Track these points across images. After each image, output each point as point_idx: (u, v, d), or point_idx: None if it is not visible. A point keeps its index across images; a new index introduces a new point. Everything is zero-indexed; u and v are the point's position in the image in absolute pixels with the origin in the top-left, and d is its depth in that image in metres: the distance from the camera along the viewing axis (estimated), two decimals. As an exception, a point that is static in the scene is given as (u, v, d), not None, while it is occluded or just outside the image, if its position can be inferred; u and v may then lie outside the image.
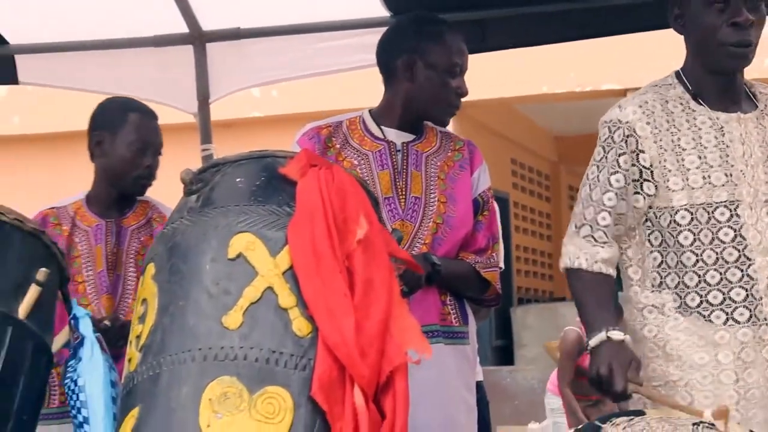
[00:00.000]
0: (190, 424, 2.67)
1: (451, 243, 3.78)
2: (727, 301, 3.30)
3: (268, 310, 2.79)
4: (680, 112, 3.35)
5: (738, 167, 3.29)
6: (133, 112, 4.12)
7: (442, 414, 3.68)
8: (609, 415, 3.06)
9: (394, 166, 3.77)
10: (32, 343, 3.12)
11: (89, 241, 4.13)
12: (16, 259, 3.16)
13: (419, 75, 3.82)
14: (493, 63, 7.12)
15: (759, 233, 3.27)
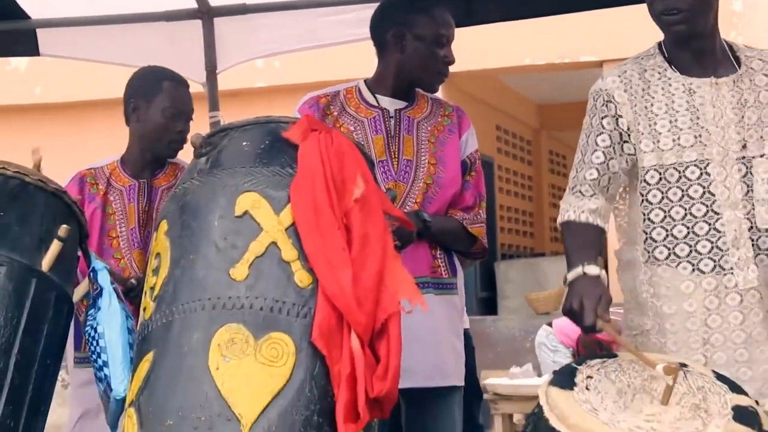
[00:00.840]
0: (200, 367, 2.69)
1: (441, 201, 3.78)
2: (693, 253, 3.31)
3: (272, 263, 2.80)
4: (656, 80, 3.37)
5: (708, 129, 3.29)
6: (167, 81, 4.13)
7: (433, 359, 3.68)
8: (584, 357, 3.07)
9: (387, 131, 3.77)
10: (55, 293, 3.13)
11: (123, 199, 4.15)
12: (40, 216, 3.16)
13: (408, 46, 3.80)
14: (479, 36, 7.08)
15: (728, 189, 3.27)
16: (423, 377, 3.63)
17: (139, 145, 4.19)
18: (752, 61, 3.38)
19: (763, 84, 3.34)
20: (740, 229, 3.28)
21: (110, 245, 4.08)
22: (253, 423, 2.62)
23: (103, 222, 4.11)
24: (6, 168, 3.14)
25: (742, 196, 3.27)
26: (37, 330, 3.07)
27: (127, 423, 2.77)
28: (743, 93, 3.32)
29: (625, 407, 2.81)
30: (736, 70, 3.36)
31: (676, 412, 2.80)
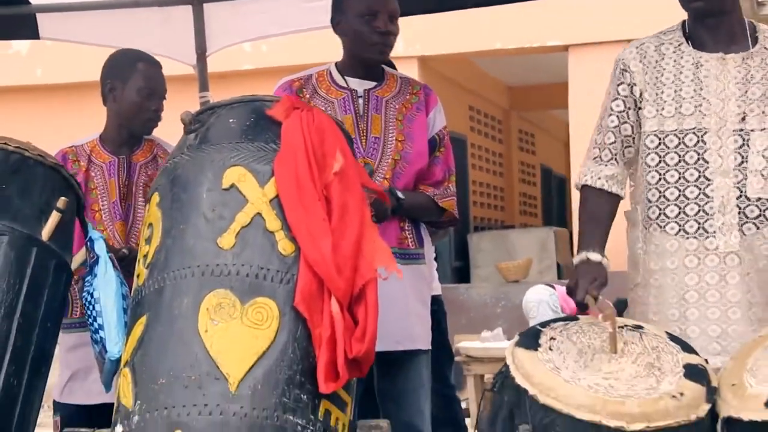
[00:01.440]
0: (190, 330, 2.69)
1: (409, 176, 3.74)
2: (681, 215, 3.35)
3: (257, 233, 2.80)
4: (671, 53, 3.40)
5: (710, 100, 3.31)
6: (141, 62, 4.10)
7: (400, 324, 3.66)
8: (548, 320, 3.08)
9: (356, 110, 3.73)
10: (54, 261, 3.14)
11: (104, 175, 4.13)
12: (39, 189, 3.16)
13: (347, 26, 3.77)
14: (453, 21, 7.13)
15: (721, 157, 3.30)
16: (391, 341, 3.63)
17: (116, 123, 4.17)
18: (767, 42, 3.39)
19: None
20: (728, 197, 3.30)
21: (93, 218, 4.06)
22: (239, 381, 2.63)
23: (86, 196, 4.10)
24: (7, 144, 3.14)
25: (734, 166, 3.28)
26: (37, 295, 3.07)
27: (122, 382, 2.78)
28: (750, 70, 3.33)
29: (585, 366, 2.83)
30: (750, 48, 3.37)
31: (633, 370, 2.82)
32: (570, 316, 3.11)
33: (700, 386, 2.75)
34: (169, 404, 2.63)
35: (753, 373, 2.77)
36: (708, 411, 2.72)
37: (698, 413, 2.69)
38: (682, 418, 2.66)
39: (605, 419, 2.62)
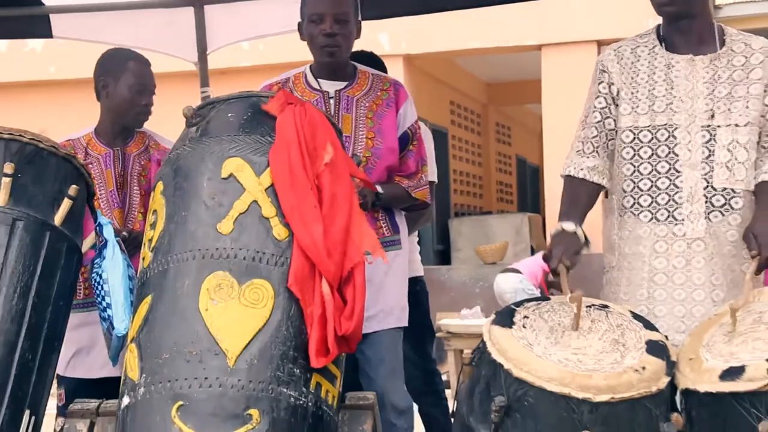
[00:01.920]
0: (191, 308, 2.70)
1: (380, 171, 3.72)
2: (653, 204, 3.37)
3: (253, 219, 2.80)
4: (646, 55, 3.42)
5: (680, 98, 3.33)
6: (131, 61, 4.10)
7: (378, 305, 3.68)
8: (522, 300, 3.08)
9: (327, 111, 3.69)
10: (66, 244, 3.13)
11: (100, 166, 4.11)
12: (52, 178, 3.16)
13: (304, 30, 3.77)
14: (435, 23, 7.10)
15: (690, 151, 3.31)
16: (371, 322, 3.64)
17: (109, 117, 4.17)
18: (735, 44, 3.38)
19: (739, 64, 3.33)
20: (696, 187, 3.32)
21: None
22: (237, 356, 2.63)
23: None
24: (23, 135, 3.13)
25: (702, 159, 3.30)
26: (50, 276, 3.07)
27: (129, 356, 2.78)
28: (717, 70, 3.33)
29: (555, 342, 2.83)
30: (718, 50, 3.37)
31: (599, 346, 2.83)
32: (542, 297, 3.11)
33: (660, 361, 2.76)
34: (172, 377, 2.64)
35: (708, 349, 2.78)
36: (668, 383, 2.73)
37: (659, 385, 2.70)
38: (644, 389, 2.67)
39: (574, 391, 2.63)
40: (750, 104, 3.30)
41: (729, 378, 2.62)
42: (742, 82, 3.32)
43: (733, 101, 3.31)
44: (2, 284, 2.96)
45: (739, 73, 3.33)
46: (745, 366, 2.62)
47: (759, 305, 2.88)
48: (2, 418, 2.86)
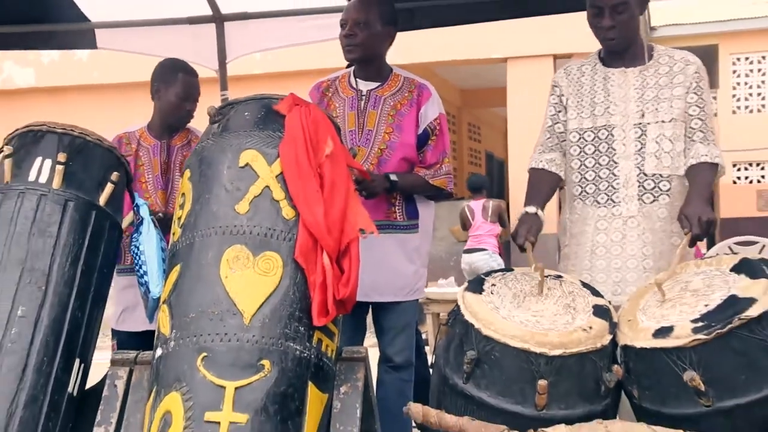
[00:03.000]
0: (213, 276, 2.70)
1: (395, 161, 3.70)
2: (596, 190, 3.44)
3: (266, 201, 2.80)
4: (589, 71, 3.50)
5: (615, 102, 3.40)
6: (181, 72, 4.14)
7: (383, 278, 3.68)
8: (490, 271, 3.10)
9: (358, 108, 3.71)
10: (108, 221, 3.13)
11: (149, 155, 4.15)
12: (98, 165, 3.16)
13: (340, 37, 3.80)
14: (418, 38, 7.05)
15: (624, 146, 3.40)
16: (384, 294, 3.65)
17: (159, 116, 4.22)
18: (661, 57, 3.46)
19: (664, 72, 3.41)
20: (630, 174, 3.39)
21: (141, 188, 4.09)
22: (252, 316, 2.64)
23: (135, 171, 4.12)
24: (73, 130, 3.14)
25: (635, 151, 3.39)
26: (96, 247, 3.07)
27: (162, 316, 2.78)
28: (646, 78, 3.42)
29: (518, 306, 2.85)
30: (646, 63, 3.42)
31: (554, 309, 2.84)
32: (507, 268, 3.13)
33: (604, 322, 2.78)
34: (197, 333, 2.65)
35: (644, 312, 2.80)
36: (610, 340, 2.75)
37: (603, 342, 2.72)
38: (591, 345, 2.69)
39: (532, 347, 2.65)
40: (674, 104, 3.38)
41: (660, 336, 2.64)
42: (667, 86, 3.40)
43: (660, 102, 3.37)
44: (56, 254, 2.97)
45: (665, 79, 3.41)
46: (673, 326, 2.64)
47: (685, 276, 2.90)
48: (57, 365, 2.87)
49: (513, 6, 4.80)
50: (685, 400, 2.60)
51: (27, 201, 3.01)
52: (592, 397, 2.71)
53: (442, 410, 2.70)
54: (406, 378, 3.80)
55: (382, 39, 3.78)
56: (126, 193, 3.31)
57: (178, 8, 5.12)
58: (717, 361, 2.56)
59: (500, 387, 2.68)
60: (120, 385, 2.96)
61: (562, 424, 2.60)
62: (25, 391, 2.78)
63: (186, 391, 2.58)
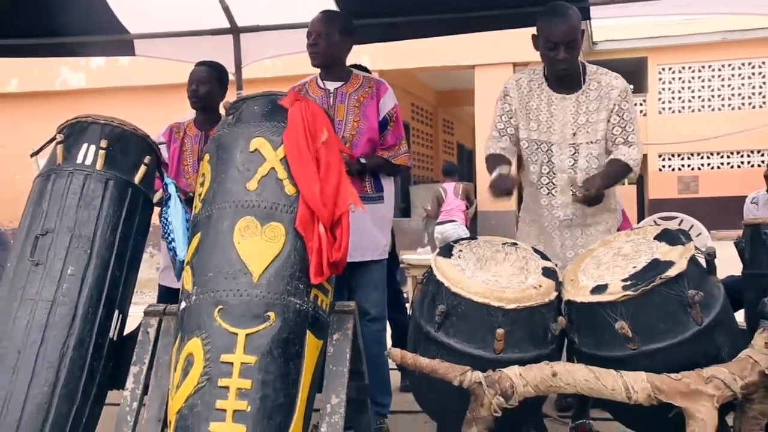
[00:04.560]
0: (228, 242, 2.68)
1: (362, 143, 3.68)
2: (541, 186, 3.46)
3: (271, 180, 2.77)
4: (536, 87, 3.44)
5: (554, 124, 3.36)
6: (195, 66, 4.16)
7: (364, 243, 3.66)
8: (457, 239, 3.08)
9: (328, 103, 3.68)
10: (142, 197, 3.10)
11: (191, 142, 4.15)
12: (133, 150, 3.12)
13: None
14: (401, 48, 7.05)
15: (561, 161, 3.40)
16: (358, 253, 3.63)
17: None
18: (592, 82, 3.40)
19: (593, 98, 3.36)
20: (564, 185, 3.41)
21: (183, 170, 4.10)
22: (259, 275, 2.62)
23: (180, 155, 4.10)
24: (114, 120, 3.11)
25: (569, 166, 3.39)
26: (131, 219, 3.04)
27: (185, 275, 2.76)
28: (580, 104, 3.36)
29: (480, 268, 2.83)
30: (582, 87, 3.37)
31: (510, 270, 2.83)
32: (472, 237, 3.11)
33: (551, 281, 2.77)
34: (214, 289, 2.62)
35: (584, 273, 2.79)
36: (556, 296, 2.75)
37: (550, 298, 2.72)
38: (540, 300, 2.68)
39: (492, 301, 2.64)
40: (599, 126, 3.36)
41: (596, 293, 2.64)
42: (596, 111, 3.36)
43: (590, 125, 3.35)
44: (99, 224, 2.94)
45: (594, 104, 3.38)
46: (607, 284, 2.64)
47: (617, 243, 2.90)
48: (100, 315, 2.86)
49: (475, 22, 4.78)
50: (616, 345, 2.60)
51: (75, 179, 2.99)
52: (541, 343, 2.70)
53: (418, 354, 2.70)
54: (380, 328, 3.79)
55: (340, 47, 3.73)
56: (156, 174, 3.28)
57: (202, 22, 5.09)
58: (642, 313, 2.57)
59: (465, 335, 2.68)
60: (152, 332, 2.95)
61: (516, 365, 2.62)
62: (75, 336, 2.78)
63: (205, 337, 2.57)
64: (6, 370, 2.68)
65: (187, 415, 2.48)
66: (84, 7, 4.81)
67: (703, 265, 2.70)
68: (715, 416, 2.50)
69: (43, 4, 4.63)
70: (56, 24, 4.90)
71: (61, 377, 2.72)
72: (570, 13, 3.27)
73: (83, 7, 4.81)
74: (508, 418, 2.63)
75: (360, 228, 3.61)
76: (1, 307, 2.82)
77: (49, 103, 13.50)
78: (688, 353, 2.56)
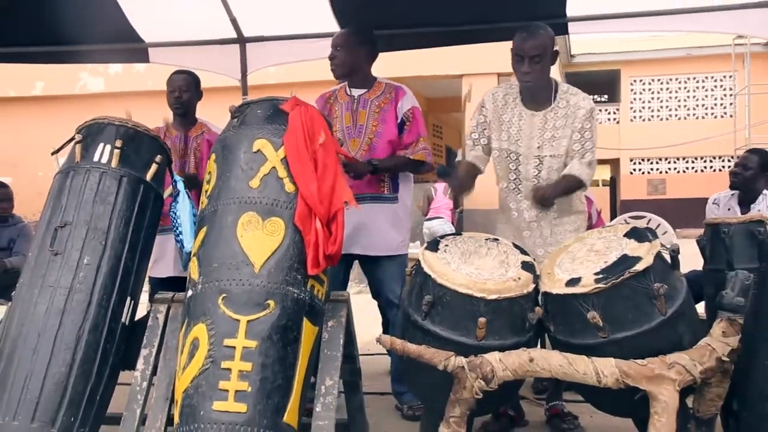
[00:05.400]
0: (231, 236, 2.66)
1: (382, 144, 3.65)
2: (510, 191, 3.47)
3: (273, 178, 2.75)
4: (510, 102, 3.41)
5: (522, 136, 3.34)
6: (173, 75, 4.15)
7: (368, 240, 3.64)
8: (443, 234, 3.07)
9: (352, 109, 3.67)
10: (153, 193, 3.07)
11: (172, 142, 4.11)
12: (145, 150, 3.09)
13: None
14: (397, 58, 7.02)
15: (527, 170, 3.39)
16: (374, 249, 3.61)
17: None
18: (561, 101, 3.37)
19: (561, 116, 3.34)
20: (528, 190, 3.39)
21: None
22: (261, 266, 2.61)
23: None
24: (128, 122, 3.09)
25: (534, 175, 3.39)
26: (143, 213, 3.02)
27: (192, 265, 2.74)
28: (548, 120, 3.34)
29: (464, 262, 2.82)
30: (551, 104, 3.34)
31: (492, 264, 2.82)
32: (457, 233, 3.10)
33: (530, 274, 2.76)
34: (219, 279, 2.61)
35: (559, 266, 2.78)
36: (534, 288, 2.73)
37: (528, 289, 2.70)
38: (519, 292, 2.67)
39: (475, 292, 2.63)
40: (563, 143, 3.35)
41: (570, 285, 2.63)
42: (561, 128, 3.35)
43: (554, 140, 3.33)
44: (113, 217, 2.92)
45: (560, 122, 3.36)
46: (581, 278, 2.63)
47: (590, 240, 2.89)
48: (113, 302, 2.83)
49: (463, 35, 4.77)
50: (587, 333, 2.60)
51: (92, 176, 2.96)
52: (519, 331, 2.69)
53: (406, 340, 2.69)
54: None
55: (358, 57, 3.72)
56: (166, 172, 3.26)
57: (210, 32, 5.07)
58: (612, 304, 2.56)
59: (450, 323, 2.66)
60: (160, 317, 2.94)
61: (496, 351, 2.61)
62: (90, 321, 2.76)
63: (210, 322, 2.56)
64: (27, 351, 2.68)
65: (193, 394, 2.47)
66: (104, 19, 4.81)
67: (668, 261, 2.70)
68: (677, 398, 2.52)
69: (68, 16, 4.63)
70: (79, 34, 4.91)
71: (77, 358, 2.71)
72: (540, 32, 3.26)
73: (103, 19, 4.82)
74: (489, 399, 2.63)
75: (377, 227, 3.60)
76: (23, 294, 2.82)
77: (70, 105, 13.45)
78: (653, 341, 2.56)
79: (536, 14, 3.63)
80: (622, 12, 4.48)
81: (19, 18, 4.60)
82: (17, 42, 5.02)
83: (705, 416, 2.65)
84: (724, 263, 2.97)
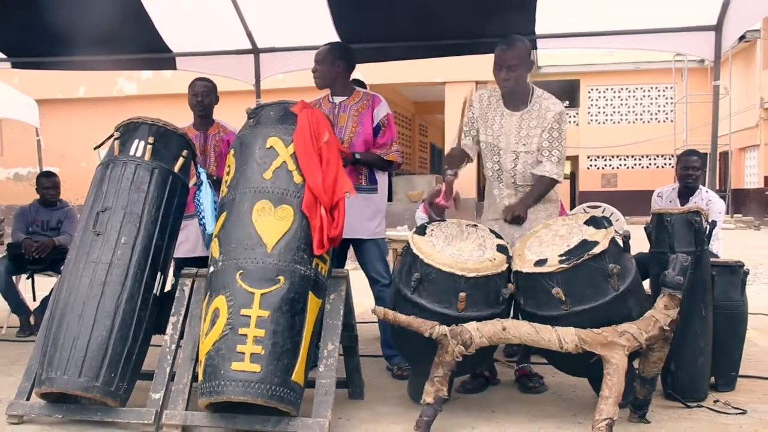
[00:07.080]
0: (248, 220, 2.65)
1: (359, 143, 3.55)
2: (493, 180, 3.35)
3: (283, 171, 2.74)
4: (494, 103, 3.30)
5: (503, 134, 3.26)
6: (195, 81, 4.00)
7: (359, 223, 3.60)
8: (429, 221, 3.05)
9: (334, 113, 3.59)
10: (180, 183, 3.05)
11: (193, 141, 4.02)
12: (174, 145, 3.07)
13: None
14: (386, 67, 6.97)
15: (506, 163, 3.27)
16: (358, 232, 3.57)
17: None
18: (536, 104, 3.25)
19: (534, 117, 3.24)
20: (508, 181, 3.29)
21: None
22: (272, 247, 2.60)
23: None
24: (159, 121, 3.07)
25: (511, 167, 3.26)
26: (172, 199, 3.00)
27: (213, 245, 2.73)
28: (523, 120, 3.24)
29: (448, 244, 2.80)
30: (527, 107, 3.29)
31: (471, 247, 2.80)
32: (442, 219, 3.07)
33: (503, 255, 2.74)
34: (237, 257, 2.60)
35: (529, 249, 2.77)
36: (507, 267, 2.72)
37: (502, 269, 2.69)
38: (494, 270, 2.66)
39: (456, 271, 2.62)
40: (535, 140, 3.23)
41: (538, 265, 2.62)
42: (535, 127, 3.24)
43: (528, 138, 3.24)
44: (146, 203, 2.91)
45: (534, 122, 3.24)
46: (547, 259, 2.62)
47: (555, 227, 2.87)
48: (146, 276, 2.83)
49: (447, 48, 4.71)
50: (552, 306, 2.60)
51: (128, 168, 2.95)
52: (494, 304, 2.68)
53: (397, 311, 2.68)
54: (383, 288, 3.73)
55: (336, 71, 3.61)
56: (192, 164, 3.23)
57: (229, 43, 5.00)
58: (573, 281, 2.56)
59: (435, 297, 2.65)
60: (186, 290, 2.92)
61: (474, 321, 2.60)
62: (126, 292, 2.77)
63: (229, 295, 2.55)
64: (74, 318, 2.70)
65: (214, 356, 2.47)
66: (138, 33, 4.77)
67: (620, 245, 2.70)
68: (626, 361, 2.53)
69: (109, 31, 4.61)
70: (117, 45, 4.89)
71: (116, 324, 2.71)
72: (517, 44, 3.20)
73: (138, 33, 4.78)
74: (467, 362, 2.63)
75: (358, 214, 3.56)
76: (70, 268, 2.83)
77: (108, 106, 13.38)
78: (607, 313, 2.56)
79: (509, 31, 3.57)
80: (583, 31, 4.49)
81: (68, 32, 4.58)
82: (66, 53, 5.01)
83: (648, 376, 2.67)
84: (667, 247, 2.98)
